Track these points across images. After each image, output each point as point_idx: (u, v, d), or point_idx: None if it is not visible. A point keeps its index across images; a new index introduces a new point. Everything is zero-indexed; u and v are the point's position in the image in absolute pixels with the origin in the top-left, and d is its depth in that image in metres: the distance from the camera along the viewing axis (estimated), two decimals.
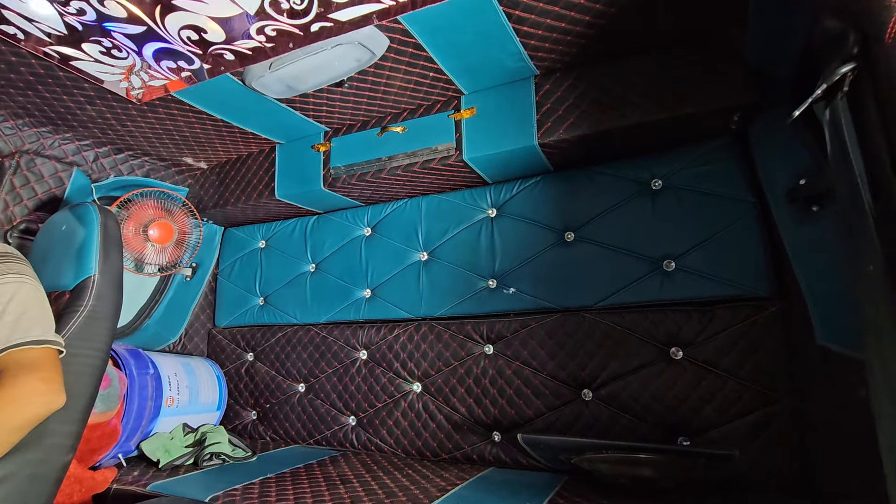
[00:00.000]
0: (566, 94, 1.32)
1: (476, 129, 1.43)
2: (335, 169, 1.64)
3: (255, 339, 1.93)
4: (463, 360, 1.53)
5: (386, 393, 1.64)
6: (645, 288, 1.33)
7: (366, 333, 1.71)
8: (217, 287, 2.09)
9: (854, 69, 0.55)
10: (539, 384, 1.41)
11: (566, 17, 1.10)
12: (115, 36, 1.09)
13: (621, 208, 1.40)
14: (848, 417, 0.90)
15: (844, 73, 0.56)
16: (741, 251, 1.23)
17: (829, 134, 0.60)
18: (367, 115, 1.59)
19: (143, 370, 1.46)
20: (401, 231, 1.74)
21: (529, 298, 1.48)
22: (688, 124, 1.22)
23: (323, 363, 1.77)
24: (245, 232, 2.08)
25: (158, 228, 1.68)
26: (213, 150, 1.79)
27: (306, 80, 1.29)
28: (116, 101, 1.39)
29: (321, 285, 1.86)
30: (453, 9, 1.06)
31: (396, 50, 1.23)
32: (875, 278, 0.53)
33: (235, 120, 1.57)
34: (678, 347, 1.25)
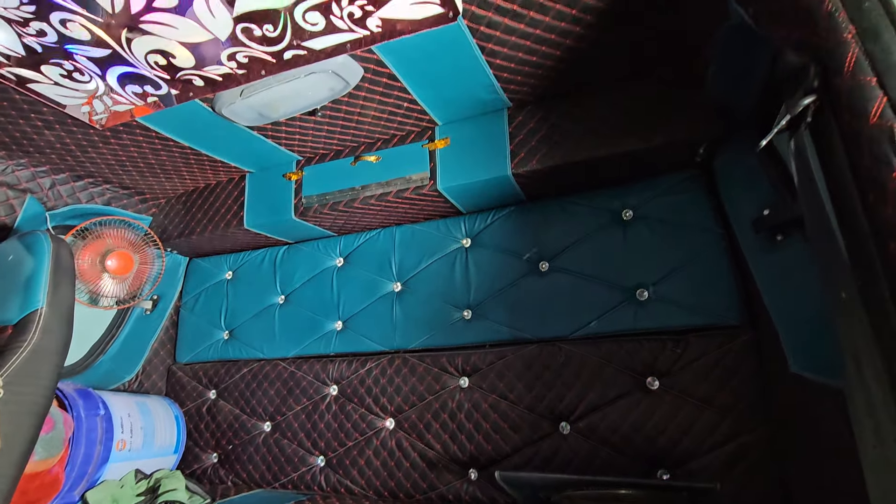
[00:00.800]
0: (539, 126, 1.34)
1: (450, 160, 1.43)
2: (307, 198, 1.61)
3: (219, 376, 1.83)
4: (438, 394, 1.48)
5: (357, 430, 1.56)
6: (619, 317, 1.33)
7: (336, 367, 1.64)
8: (179, 320, 1.99)
9: (816, 100, 0.57)
10: (516, 418, 1.37)
11: (537, 52, 1.13)
12: (78, 59, 1.05)
13: (594, 238, 1.41)
14: (825, 445, 0.89)
15: (807, 104, 0.57)
16: (712, 280, 1.25)
17: (795, 164, 0.61)
18: (341, 144, 1.58)
19: (93, 411, 1.35)
20: (374, 261, 1.71)
21: (505, 329, 1.45)
22: (656, 156, 1.26)
23: (291, 400, 1.68)
24: (211, 263, 2.00)
25: (117, 259, 1.59)
26: (179, 177, 1.74)
27: (278, 108, 1.27)
28: (77, 126, 1.33)
29: (290, 318, 1.79)
30: (428, 41, 1.08)
31: (371, 80, 1.23)
32: (849, 305, 0.54)
33: (204, 147, 1.53)
34: (654, 377, 1.24)
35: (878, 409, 0.51)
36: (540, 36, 1.08)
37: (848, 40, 0.53)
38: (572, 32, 1.06)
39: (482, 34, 1.07)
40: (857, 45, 0.52)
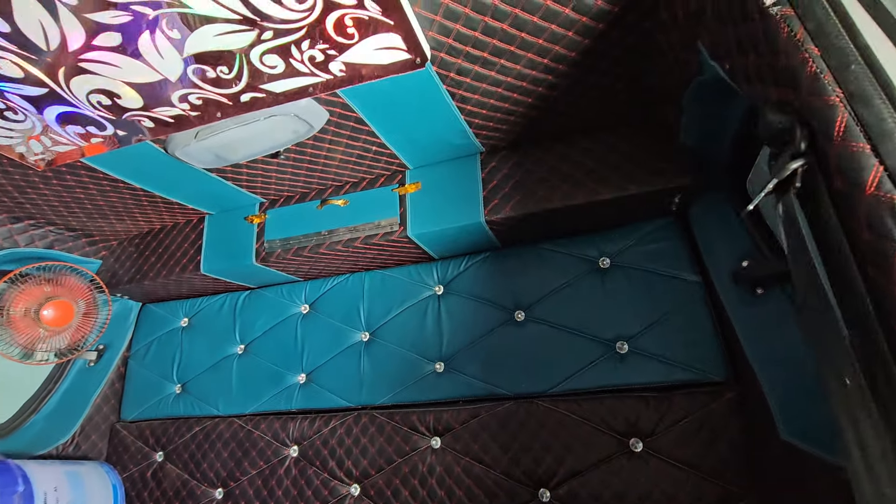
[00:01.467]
0: (512, 172, 1.30)
1: (421, 205, 1.37)
2: (270, 243, 1.52)
3: (167, 435, 1.66)
4: (407, 457, 1.36)
5: (318, 498, 1.42)
6: (599, 372, 1.26)
7: (298, 426, 1.51)
8: (127, 373, 1.83)
9: (804, 165, 0.53)
10: (492, 484, 1.26)
11: (509, 99, 1.10)
12: (10, 97, 0.96)
13: (571, 287, 1.35)
14: None
15: (795, 168, 0.53)
16: (693, 332, 1.20)
17: (783, 228, 0.57)
18: (307, 187, 1.50)
19: (9, 488, 1.18)
20: (341, 309, 1.61)
21: (479, 384, 1.36)
22: (631, 204, 1.22)
23: (246, 463, 1.53)
24: (165, 309, 1.86)
25: (54, 308, 1.45)
26: (131, 219, 1.62)
27: (237, 151, 1.20)
28: (14, 167, 1.22)
29: (250, 370, 1.66)
30: (396, 85, 1.03)
31: (337, 123, 1.17)
32: (854, 393, 0.48)
33: (157, 189, 1.43)
34: (637, 439, 1.16)
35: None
36: (511, 83, 1.04)
37: (835, 104, 0.49)
38: (544, 81, 1.04)
39: (452, 80, 1.03)
40: (846, 110, 0.48)
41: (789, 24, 0.54)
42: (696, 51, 0.78)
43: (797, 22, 0.53)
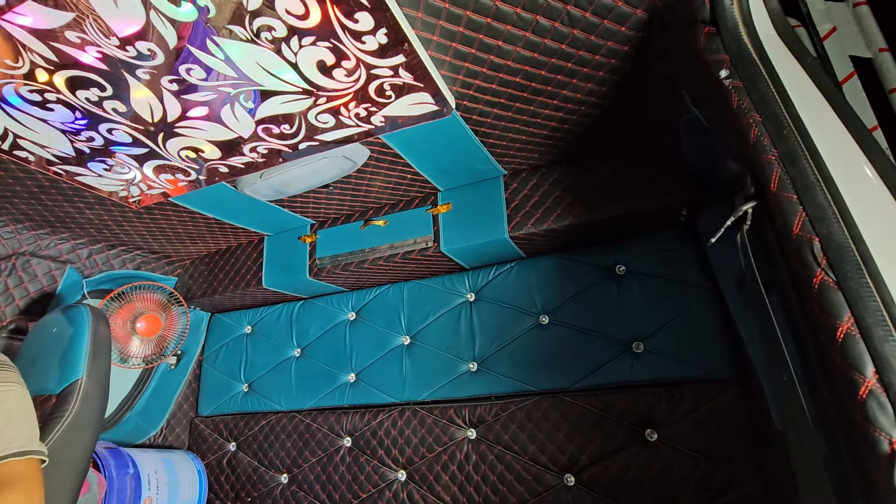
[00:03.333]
0: (532, 192, 1.45)
1: (452, 223, 1.54)
2: (321, 259, 1.73)
3: (238, 428, 1.91)
4: (446, 446, 1.54)
5: (370, 482, 1.62)
6: (617, 369, 1.39)
7: (350, 419, 1.72)
8: (201, 374, 2.09)
9: (753, 207, 0.66)
10: (521, 469, 1.42)
11: (525, 132, 1.25)
12: (120, 156, 1.20)
13: (590, 292, 1.49)
14: None
15: (746, 209, 0.67)
16: (702, 333, 1.32)
17: (741, 255, 0.70)
18: (351, 210, 1.70)
19: (123, 470, 1.44)
20: (384, 315, 1.80)
21: (509, 381, 1.52)
22: (641, 218, 1.35)
23: (307, 452, 1.75)
24: (232, 318, 2.11)
25: (146, 322, 1.72)
26: (203, 242, 1.87)
27: (294, 186, 1.41)
28: (115, 205, 1.48)
29: (306, 370, 1.88)
30: (427, 127, 1.20)
31: (377, 158, 1.36)
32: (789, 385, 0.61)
33: (226, 217, 1.67)
34: (652, 429, 1.30)
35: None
36: (527, 120, 1.20)
37: (772, 161, 0.63)
38: (556, 117, 1.18)
39: (475, 121, 1.19)
40: (779, 166, 0.62)
41: (739, 94, 0.67)
42: (682, 95, 0.91)
43: (745, 93, 0.67)
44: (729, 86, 0.68)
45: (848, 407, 0.54)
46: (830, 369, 0.57)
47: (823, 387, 0.59)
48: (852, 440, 0.53)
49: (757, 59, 0.67)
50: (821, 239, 0.57)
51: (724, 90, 0.70)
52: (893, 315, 0.52)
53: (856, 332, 0.53)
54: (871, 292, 0.53)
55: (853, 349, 0.53)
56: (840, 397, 0.55)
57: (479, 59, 0.98)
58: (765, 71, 0.66)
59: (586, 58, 0.97)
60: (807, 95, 0.65)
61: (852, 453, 0.54)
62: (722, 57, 0.71)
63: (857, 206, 0.58)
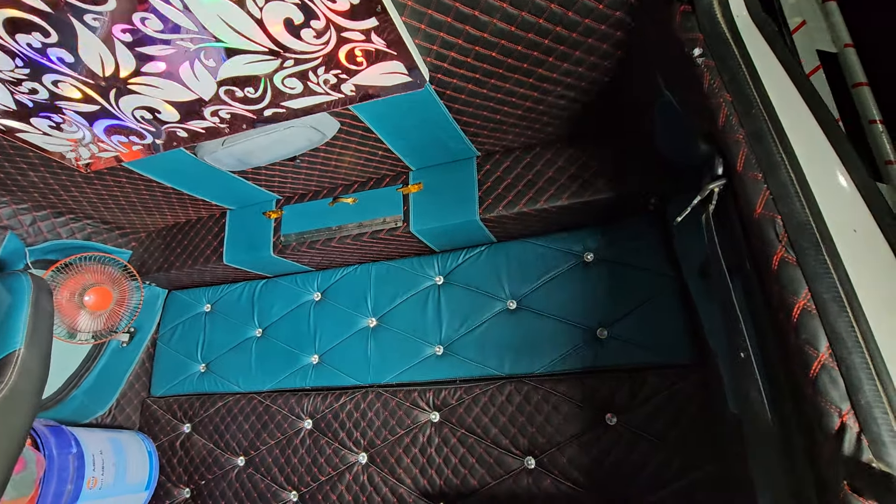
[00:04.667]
0: (504, 175, 1.43)
1: (422, 203, 1.51)
2: (286, 236, 1.67)
3: (194, 409, 1.84)
4: (409, 429, 1.52)
5: (330, 465, 1.59)
6: (581, 355, 1.40)
7: (311, 402, 1.68)
8: (155, 353, 2.00)
9: (720, 186, 0.66)
10: (483, 452, 1.42)
11: (500, 111, 1.23)
12: (67, 112, 1.11)
13: (558, 278, 1.50)
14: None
15: (712, 188, 0.67)
16: (665, 321, 1.34)
17: (705, 235, 0.71)
18: (319, 186, 1.65)
19: (65, 449, 1.36)
20: (350, 297, 1.76)
21: (475, 365, 1.52)
22: (612, 205, 1.36)
23: (265, 434, 1.71)
24: (190, 295, 2.03)
25: (95, 294, 1.62)
26: (160, 214, 1.78)
27: (259, 157, 1.35)
28: (62, 169, 1.38)
29: (267, 351, 1.82)
30: (400, 100, 1.17)
31: (347, 131, 1.31)
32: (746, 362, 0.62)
33: (185, 188, 1.59)
34: (612, 413, 1.31)
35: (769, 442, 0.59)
36: (501, 99, 1.18)
37: (740, 140, 0.63)
38: (531, 96, 1.17)
39: (449, 97, 1.17)
40: (745, 146, 0.62)
41: (710, 73, 0.67)
42: (656, 78, 0.91)
43: (716, 72, 0.67)
44: (701, 65, 0.68)
45: (800, 381, 0.54)
46: (786, 346, 0.57)
47: (779, 364, 0.60)
48: (803, 414, 0.54)
49: (730, 39, 0.67)
50: (783, 217, 0.58)
51: (696, 69, 0.70)
52: (847, 292, 0.53)
53: (812, 308, 0.54)
54: (827, 269, 0.54)
55: (808, 325, 0.54)
56: (794, 372, 0.56)
57: (455, 30, 0.96)
58: (737, 51, 0.66)
59: (563, 34, 0.96)
60: (776, 78, 0.65)
61: (803, 427, 0.55)
62: (696, 35, 0.70)
63: (818, 187, 0.58)
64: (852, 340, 0.51)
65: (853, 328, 0.51)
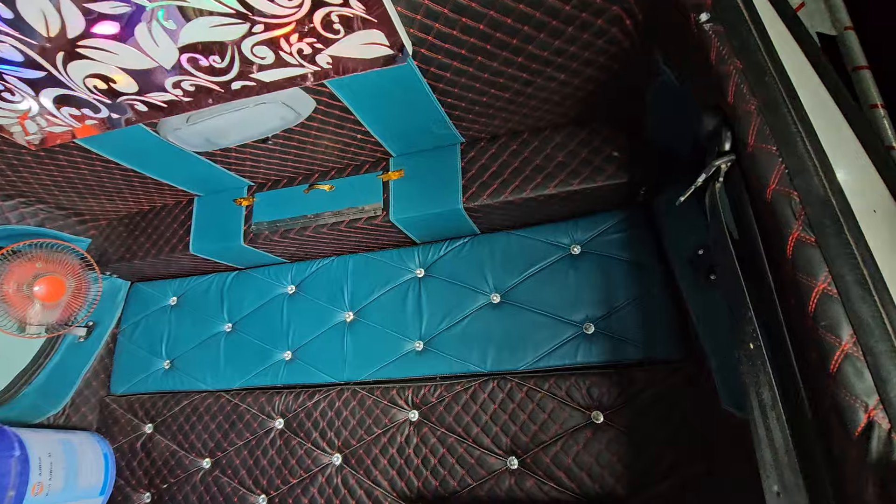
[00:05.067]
0: (490, 162, 1.37)
1: (403, 191, 1.44)
2: (257, 224, 1.58)
3: (156, 409, 1.73)
4: (386, 428, 1.45)
5: (302, 467, 1.50)
6: (567, 351, 1.35)
7: (283, 400, 1.59)
8: (116, 349, 1.88)
9: (727, 162, 0.61)
10: (463, 452, 1.35)
11: (486, 93, 1.17)
12: (9, 79, 1.00)
13: (544, 272, 1.44)
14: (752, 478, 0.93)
15: (719, 165, 0.61)
16: (654, 316, 1.30)
17: (709, 217, 0.65)
18: (294, 172, 1.56)
19: (6, 452, 1.24)
20: (326, 290, 1.68)
21: (456, 361, 1.45)
22: (599, 195, 1.31)
23: (233, 434, 1.61)
24: (154, 288, 1.91)
25: (46, 284, 1.50)
26: (122, 200, 1.67)
27: (228, 136, 1.25)
28: (7, 145, 1.26)
29: (237, 347, 1.72)
30: (380, 77, 1.09)
31: (323, 112, 1.23)
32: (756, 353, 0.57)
33: (149, 171, 1.48)
34: (599, 411, 1.27)
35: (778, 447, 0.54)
36: (488, 79, 1.11)
37: (751, 111, 0.57)
38: (520, 77, 1.11)
39: (432, 74, 1.10)
40: (758, 117, 0.57)
41: (719, 39, 0.62)
42: (654, 56, 0.86)
43: (725, 39, 0.61)
44: (709, 31, 0.62)
45: (819, 373, 0.49)
46: (802, 334, 0.52)
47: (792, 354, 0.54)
48: (823, 411, 0.49)
49: (740, 4, 0.62)
50: (800, 193, 0.52)
51: (703, 36, 0.64)
52: (872, 274, 0.48)
53: (833, 292, 0.49)
54: (850, 249, 0.49)
55: (829, 310, 0.49)
56: (811, 364, 0.51)
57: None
58: (748, 16, 0.60)
59: (556, 6, 0.90)
60: (789, 48, 0.61)
61: (823, 425, 0.49)
62: (702, 0, 0.65)
63: (837, 162, 0.54)
64: (879, 327, 0.46)
65: (880, 313, 0.46)
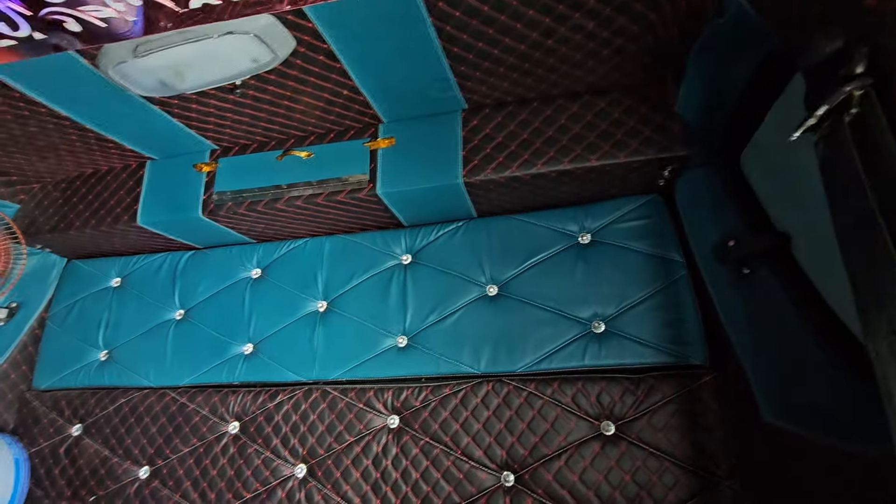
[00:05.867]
0: (495, 132, 1.20)
1: (394, 162, 1.25)
2: (220, 194, 1.36)
3: (87, 407, 1.47)
4: (360, 436, 1.24)
5: (259, 479, 1.28)
6: (573, 352, 1.18)
7: (240, 400, 1.36)
8: (43, 335, 1.61)
9: (862, 88, 0.45)
10: (451, 466, 1.16)
11: (500, 43, 1.00)
12: None
13: (549, 261, 1.27)
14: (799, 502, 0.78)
15: (849, 91, 0.45)
16: (674, 314, 1.14)
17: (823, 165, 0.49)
18: (266, 136, 1.35)
19: None
20: (297, 275, 1.46)
21: (444, 361, 1.26)
22: (618, 174, 1.15)
23: (177, 439, 1.37)
24: (95, 266, 1.65)
25: None
26: (58, 160, 1.41)
27: (186, 77, 1.04)
28: None
29: (189, 337, 1.49)
30: (378, 13, 0.91)
31: (305, 55, 1.03)
32: None
33: (90, 121, 1.24)
34: (610, 422, 1.10)
35: None
36: (505, 24, 0.94)
37: None
38: (540, 24, 0.94)
39: (440, 11, 0.92)
40: None
41: None
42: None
43: None
44: None
45: None
46: None
47: None
48: None
49: None
50: None
51: None
52: None
53: None
54: None
55: None
56: None
57: None
58: None
59: None
60: None
61: None
62: None
63: None
64: None
65: None
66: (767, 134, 0.91)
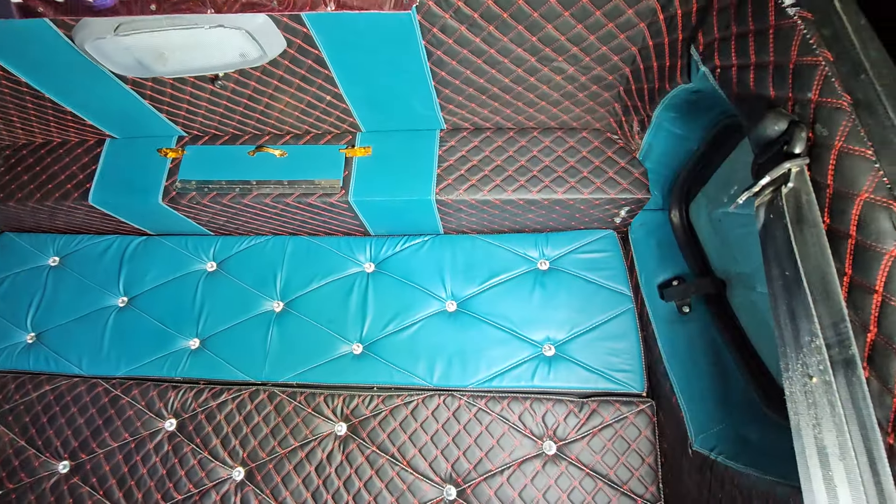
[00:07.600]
0: (470, 155, 1.25)
1: (369, 171, 1.27)
2: (184, 182, 1.32)
3: (6, 392, 1.36)
4: (306, 441, 1.23)
5: (192, 480, 1.23)
6: (524, 373, 1.23)
7: (180, 396, 1.31)
8: None
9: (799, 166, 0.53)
10: (396, 477, 1.17)
11: (486, 73, 1.04)
12: None
13: (508, 283, 1.33)
14: None
15: (788, 168, 0.53)
16: (618, 343, 1.22)
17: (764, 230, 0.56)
18: (240, 129, 1.33)
19: None
20: (255, 272, 1.43)
21: (398, 371, 1.28)
22: (581, 208, 1.23)
23: (106, 433, 1.30)
24: (31, 241, 1.54)
25: None
26: (6, 124, 1.32)
27: (167, 61, 1.01)
28: None
29: (130, 326, 1.41)
30: (371, 27, 0.93)
31: (293, 58, 1.04)
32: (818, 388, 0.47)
33: (51, 91, 1.18)
34: (552, 442, 1.15)
35: None
36: (493, 57, 0.99)
37: (842, 108, 0.50)
38: (526, 61, 1.00)
39: (433, 38, 0.96)
40: (852, 115, 0.49)
41: (807, 27, 0.54)
42: (688, 55, 0.78)
43: (813, 26, 0.53)
44: (794, 16, 0.55)
45: None
46: None
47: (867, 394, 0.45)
48: None
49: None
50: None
51: (781, 24, 0.57)
52: None
53: None
54: None
55: None
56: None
57: None
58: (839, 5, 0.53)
59: None
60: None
61: None
62: None
63: None
64: None
65: None
66: (713, 190, 1.01)
